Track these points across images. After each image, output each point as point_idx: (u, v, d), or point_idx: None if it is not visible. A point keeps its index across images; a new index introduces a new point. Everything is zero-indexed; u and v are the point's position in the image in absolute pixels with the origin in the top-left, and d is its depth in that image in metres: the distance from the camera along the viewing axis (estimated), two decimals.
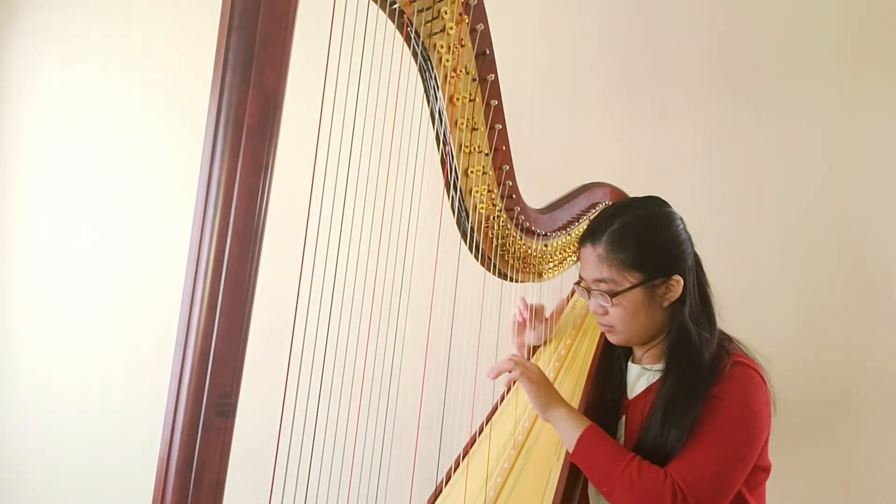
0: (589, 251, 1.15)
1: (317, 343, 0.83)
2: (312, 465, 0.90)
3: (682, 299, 1.13)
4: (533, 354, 1.41)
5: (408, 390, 1.23)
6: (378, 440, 1.18)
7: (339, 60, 0.79)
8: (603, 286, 1.13)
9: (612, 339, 1.19)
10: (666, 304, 1.13)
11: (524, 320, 1.40)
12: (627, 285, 1.11)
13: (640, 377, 1.19)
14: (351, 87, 0.83)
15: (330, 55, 0.76)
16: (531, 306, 1.40)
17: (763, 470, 1.10)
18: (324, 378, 0.89)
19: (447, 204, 1.14)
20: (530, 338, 1.40)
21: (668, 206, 1.20)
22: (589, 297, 1.17)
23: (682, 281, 1.13)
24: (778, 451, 1.14)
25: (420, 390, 1.13)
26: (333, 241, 0.84)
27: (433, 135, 1.09)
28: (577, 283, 1.21)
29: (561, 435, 1.10)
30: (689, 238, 1.18)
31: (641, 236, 1.13)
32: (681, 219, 1.19)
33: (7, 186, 2.60)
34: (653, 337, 1.17)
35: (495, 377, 1.16)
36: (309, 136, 0.77)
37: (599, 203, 1.46)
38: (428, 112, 1.07)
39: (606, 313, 1.14)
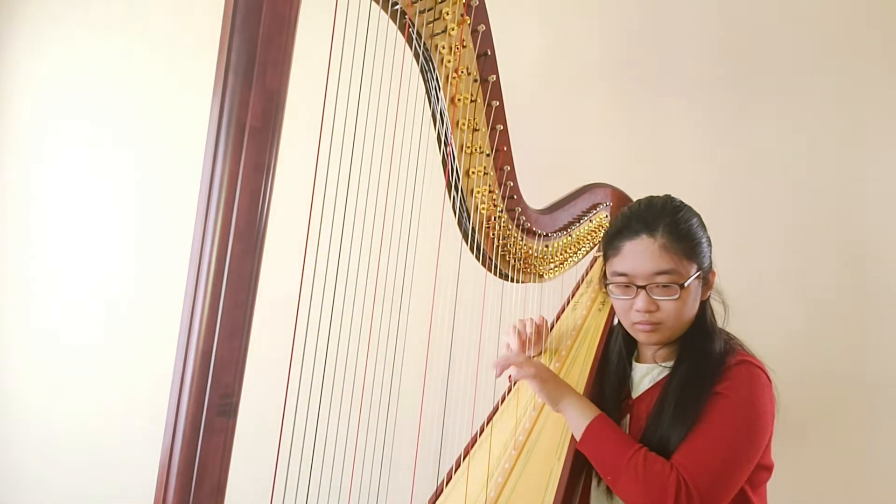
0: (647, 243, 1.09)
1: (318, 343, 0.83)
2: (314, 464, 0.90)
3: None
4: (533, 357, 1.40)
5: (409, 390, 1.23)
6: (379, 440, 1.18)
7: (340, 61, 0.79)
8: (665, 278, 1.08)
9: (654, 337, 1.13)
10: (704, 297, 1.15)
11: (524, 339, 1.35)
12: (692, 276, 1.10)
13: (646, 376, 1.19)
14: (353, 87, 0.83)
15: (332, 56, 0.76)
16: (533, 322, 1.36)
17: (765, 469, 1.11)
18: (325, 378, 0.89)
19: (448, 205, 1.14)
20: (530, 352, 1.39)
21: None
22: (633, 295, 1.11)
23: (716, 274, 1.16)
24: (779, 450, 1.14)
25: (421, 390, 1.13)
26: (335, 242, 0.84)
27: (434, 135, 1.09)
28: (611, 283, 1.14)
29: (570, 423, 1.11)
30: None
31: (694, 229, 1.13)
32: None
33: (7, 186, 2.60)
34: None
35: (500, 374, 1.15)
36: (311, 137, 0.77)
37: (600, 203, 1.46)
38: (429, 113, 1.07)
39: (658, 309, 1.10)
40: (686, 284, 1.08)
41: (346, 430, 0.97)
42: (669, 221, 1.10)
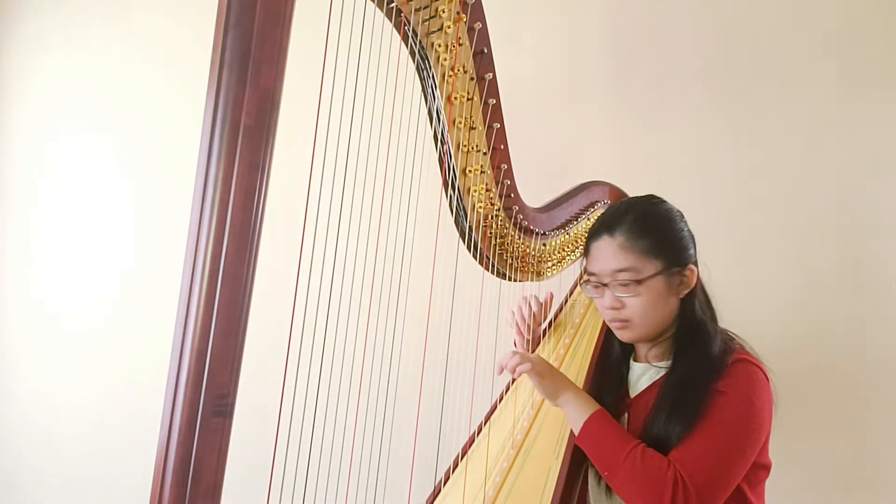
0: (606, 243, 1.13)
1: (315, 342, 0.83)
2: (311, 464, 0.90)
3: (692, 291, 1.15)
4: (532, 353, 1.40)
5: (407, 389, 1.23)
6: (377, 440, 1.18)
7: (336, 59, 0.79)
8: (625, 276, 1.11)
9: (626, 335, 1.16)
10: (681, 294, 1.14)
11: (527, 321, 1.39)
12: (651, 272, 1.11)
13: (643, 375, 1.19)
14: (348, 85, 0.83)
15: (327, 54, 0.76)
16: (541, 303, 1.40)
17: (763, 468, 1.11)
18: (322, 377, 0.88)
19: (445, 203, 1.14)
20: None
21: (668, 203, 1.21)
22: (602, 294, 1.14)
23: (695, 271, 1.15)
24: (777, 449, 1.14)
25: (419, 389, 1.13)
26: (331, 241, 0.84)
27: (431, 134, 1.09)
28: (586, 282, 1.17)
29: (568, 417, 1.12)
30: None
31: (660, 225, 1.15)
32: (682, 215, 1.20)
33: (8, 184, 2.59)
34: (664, 331, 1.16)
35: (500, 373, 1.16)
36: (306, 135, 0.77)
37: (598, 202, 1.45)
38: (426, 111, 1.07)
39: (624, 307, 1.12)
40: (642, 280, 1.10)
41: (343, 430, 0.97)
42: (632, 220, 1.13)
